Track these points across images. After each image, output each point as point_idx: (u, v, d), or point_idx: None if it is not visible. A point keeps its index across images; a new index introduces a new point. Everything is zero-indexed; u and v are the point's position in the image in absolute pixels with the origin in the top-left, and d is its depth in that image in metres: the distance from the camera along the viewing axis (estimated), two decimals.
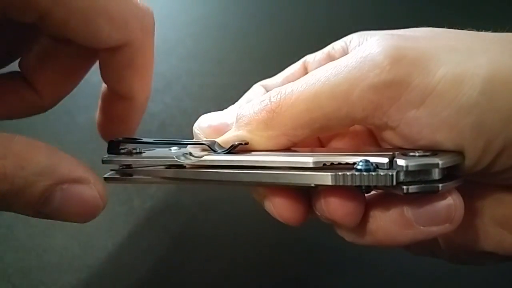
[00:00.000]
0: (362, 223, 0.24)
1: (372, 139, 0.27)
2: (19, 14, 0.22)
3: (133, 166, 0.27)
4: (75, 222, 0.23)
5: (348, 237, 0.26)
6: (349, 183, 0.22)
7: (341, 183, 0.22)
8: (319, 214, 0.24)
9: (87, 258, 0.39)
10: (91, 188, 0.22)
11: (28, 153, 0.20)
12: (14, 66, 0.28)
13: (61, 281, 0.38)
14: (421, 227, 0.22)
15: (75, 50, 0.25)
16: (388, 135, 0.23)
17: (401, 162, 0.21)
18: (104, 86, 0.29)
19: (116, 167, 0.27)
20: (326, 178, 0.22)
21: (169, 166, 0.26)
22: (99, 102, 0.30)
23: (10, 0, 0.21)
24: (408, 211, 0.23)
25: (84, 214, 0.23)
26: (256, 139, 0.24)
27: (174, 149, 0.27)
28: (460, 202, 0.22)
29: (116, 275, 0.39)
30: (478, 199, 0.25)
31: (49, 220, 0.39)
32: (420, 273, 0.40)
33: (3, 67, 0.28)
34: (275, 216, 0.25)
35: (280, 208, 0.25)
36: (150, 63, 0.27)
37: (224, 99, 0.29)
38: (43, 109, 0.28)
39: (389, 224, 0.23)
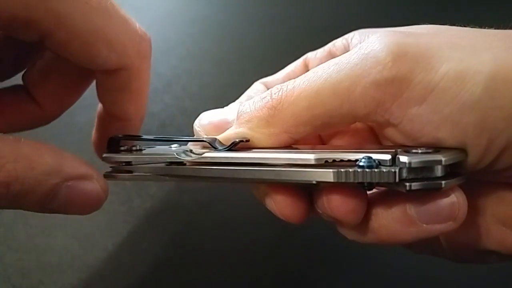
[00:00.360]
0: (364, 221, 0.24)
1: (373, 136, 0.27)
2: (21, 34, 0.22)
3: (133, 163, 0.27)
4: (79, 215, 0.25)
5: (350, 235, 0.25)
6: (351, 180, 0.21)
7: (343, 180, 0.22)
8: (320, 212, 0.24)
9: (87, 258, 0.39)
10: (94, 183, 0.24)
11: (36, 155, 0.22)
12: (17, 80, 0.29)
13: (61, 281, 0.37)
14: (424, 225, 0.22)
15: (77, 66, 0.25)
16: (390, 132, 0.23)
17: (403, 159, 0.21)
18: (100, 105, 0.29)
19: (116, 164, 0.27)
20: (328, 174, 0.22)
21: (170, 163, 0.26)
22: (95, 121, 0.30)
23: (12, 20, 0.21)
24: (411, 209, 0.23)
25: (88, 207, 0.24)
26: (257, 136, 0.24)
27: (174, 146, 0.27)
28: (464, 200, 0.22)
29: (116, 275, 0.39)
30: (480, 197, 0.25)
31: (49, 220, 0.40)
32: (421, 271, 0.40)
33: (7, 79, 0.28)
34: (277, 214, 0.25)
35: (281, 205, 0.25)
36: (145, 87, 0.28)
37: (224, 99, 0.29)
38: (44, 122, 0.29)
39: (391, 222, 0.23)
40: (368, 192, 0.24)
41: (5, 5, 0.20)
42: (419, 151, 0.21)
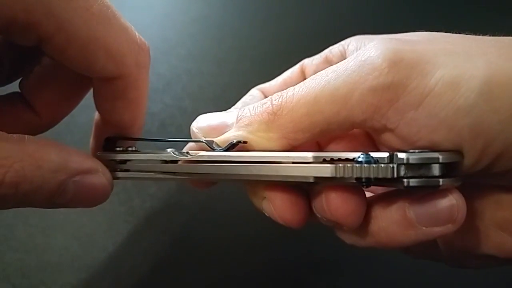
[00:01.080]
0: (363, 224, 0.24)
1: (371, 142, 0.27)
2: (20, 38, 0.22)
3: (128, 162, 0.27)
4: (87, 207, 0.25)
5: (349, 239, 0.26)
6: (350, 175, 0.22)
7: (341, 175, 0.22)
8: (320, 215, 0.24)
9: (87, 258, 0.39)
10: (100, 176, 0.25)
11: (41, 153, 0.22)
12: (14, 87, 0.28)
13: (61, 281, 0.38)
14: (423, 228, 0.23)
15: (74, 73, 0.25)
16: (387, 137, 0.23)
17: (401, 155, 0.21)
18: (97, 113, 0.29)
19: (112, 163, 0.27)
20: (326, 170, 0.22)
21: (165, 161, 0.26)
22: (93, 128, 0.30)
23: (11, 23, 0.21)
24: (410, 212, 0.23)
25: (95, 200, 0.25)
26: (256, 140, 0.24)
27: (170, 150, 0.27)
28: (462, 202, 0.22)
29: (116, 275, 0.39)
30: (478, 201, 0.25)
31: (49, 220, 0.40)
32: (420, 274, 0.40)
33: (3, 86, 0.28)
34: (275, 218, 0.25)
35: (280, 209, 0.25)
36: (143, 96, 0.28)
37: (224, 99, 0.30)
38: (41, 129, 0.29)
39: (391, 225, 0.23)
40: (367, 196, 0.25)
41: (4, 7, 0.20)
42: (416, 151, 0.22)
